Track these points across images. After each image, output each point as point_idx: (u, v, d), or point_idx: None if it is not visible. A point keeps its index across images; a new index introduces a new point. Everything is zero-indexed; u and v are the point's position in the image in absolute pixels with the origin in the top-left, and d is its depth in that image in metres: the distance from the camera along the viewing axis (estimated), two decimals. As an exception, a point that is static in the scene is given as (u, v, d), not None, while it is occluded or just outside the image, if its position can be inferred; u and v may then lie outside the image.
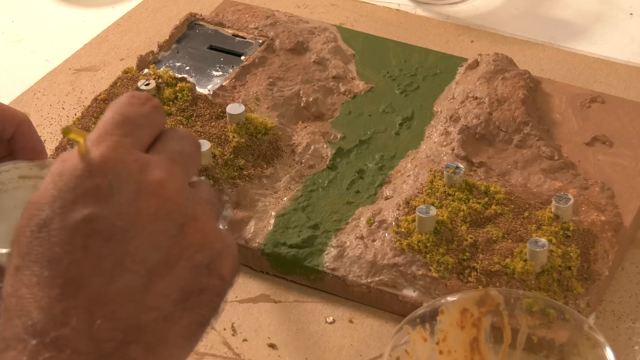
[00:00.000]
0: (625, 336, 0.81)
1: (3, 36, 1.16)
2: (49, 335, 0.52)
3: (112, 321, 0.52)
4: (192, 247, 0.54)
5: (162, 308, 0.54)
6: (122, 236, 0.53)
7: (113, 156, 0.54)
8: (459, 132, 0.94)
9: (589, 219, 0.86)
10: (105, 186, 0.53)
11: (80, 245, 0.53)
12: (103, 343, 0.52)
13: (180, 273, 0.54)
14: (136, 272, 0.53)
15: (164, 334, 0.54)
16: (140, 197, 0.53)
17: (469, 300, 0.75)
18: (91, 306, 0.52)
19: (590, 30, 1.13)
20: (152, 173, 0.54)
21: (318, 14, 1.15)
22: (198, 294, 0.55)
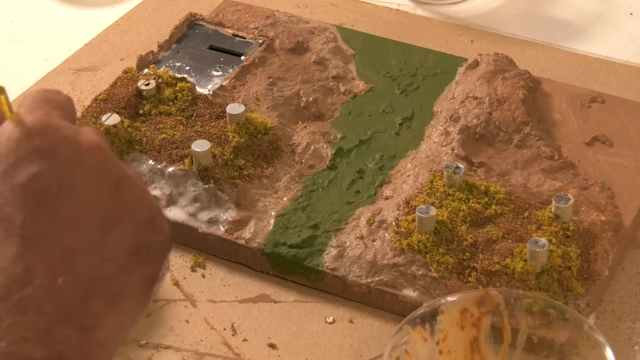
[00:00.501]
0: (625, 336, 0.81)
1: (3, 36, 1.16)
2: (12, 297, 0.52)
3: (73, 275, 0.53)
4: (133, 203, 0.56)
5: (118, 259, 0.55)
6: (71, 191, 0.54)
7: (48, 121, 0.56)
8: (459, 132, 0.94)
9: (589, 219, 0.86)
10: (46, 146, 0.54)
11: (32, 202, 0.53)
12: (66, 300, 0.53)
13: (127, 227, 0.56)
14: (89, 224, 0.54)
15: (121, 285, 0.55)
16: (80, 155, 0.55)
17: (469, 300, 0.75)
18: (51, 262, 0.53)
19: (590, 30, 1.13)
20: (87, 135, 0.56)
21: (318, 14, 1.15)
22: (147, 248, 0.56)
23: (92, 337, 0.53)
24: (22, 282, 0.52)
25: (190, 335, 0.83)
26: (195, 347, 0.82)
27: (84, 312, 0.53)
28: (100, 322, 0.54)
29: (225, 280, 0.87)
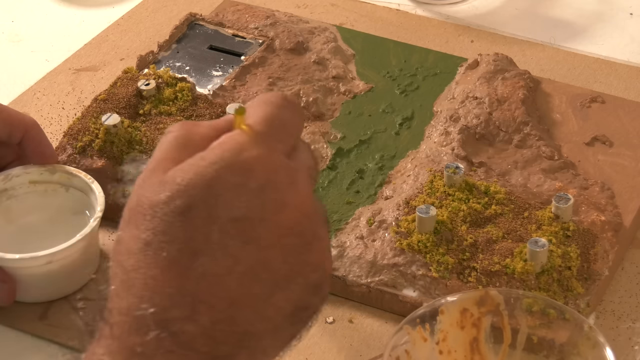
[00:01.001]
0: (625, 336, 0.81)
1: (3, 36, 1.16)
2: (173, 327, 0.52)
3: (232, 325, 0.53)
4: (311, 266, 0.55)
5: (275, 320, 0.55)
6: (260, 243, 0.53)
7: (269, 161, 0.54)
8: (459, 132, 0.94)
9: (589, 219, 0.86)
10: (255, 190, 0.53)
11: (221, 243, 0.53)
12: (220, 345, 0.53)
13: (296, 289, 0.55)
14: (264, 281, 0.54)
15: (268, 344, 0.55)
16: (284, 210, 0.54)
17: (469, 300, 0.75)
18: (217, 306, 0.53)
19: (590, 30, 1.13)
20: (299, 187, 0.55)
21: (318, 14, 1.15)
22: (304, 310, 0.56)
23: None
24: (185, 317, 0.52)
25: (190, 335, 0.83)
26: (195, 347, 0.82)
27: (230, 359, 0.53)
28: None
29: (225, 280, 0.87)
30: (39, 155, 0.87)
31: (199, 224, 0.53)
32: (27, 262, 0.81)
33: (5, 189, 0.87)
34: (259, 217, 0.53)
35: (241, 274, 0.53)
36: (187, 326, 0.52)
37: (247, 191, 0.53)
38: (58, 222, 0.87)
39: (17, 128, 0.86)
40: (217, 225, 0.53)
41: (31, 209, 0.88)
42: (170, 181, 0.53)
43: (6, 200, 0.87)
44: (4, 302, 0.82)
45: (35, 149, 0.87)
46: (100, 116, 0.93)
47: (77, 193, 0.87)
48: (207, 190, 0.53)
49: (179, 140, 0.56)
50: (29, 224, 0.87)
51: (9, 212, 0.87)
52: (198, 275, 0.52)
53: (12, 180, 0.87)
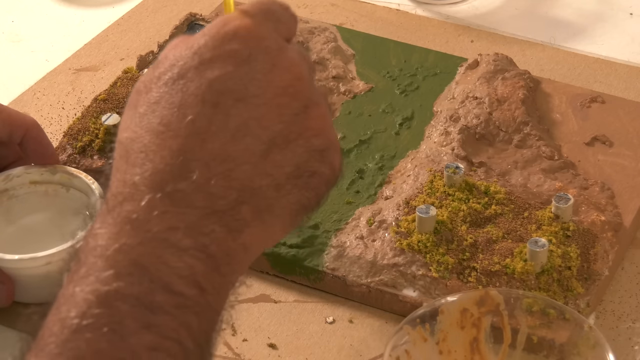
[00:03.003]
0: (625, 336, 0.81)
1: (3, 36, 1.16)
2: (166, 188, 0.53)
3: (228, 179, 0.54)
4: (311, 130, 0.57)
5: (276, 177, 0.56)
6: (252, 101, 0.55)
7: (256, 29, 0.57)
8: (459, 132, 0.94)
9: (589, 219, 0.86)
10: (244, 52, 0.56)
11: (212, 100, 0.55)
12: (218, 199, 0.54)
13: (296, 150, 0.57)
14: (258, 137, 0.55)
15: (272, 202, 0.56)
16: (274, 70, 0.56)
17: (469, 300, 0.75)
18: (211, 162, 0.54)
19: (590, 30, 1.13)
20: (289, 53, 0.57)
21: (318, 14, 1.15)
22: (309, 175, 0.57)
23: (237, 238, 0.55)
24: (178, 175, 0.54)
25: (190, 335, 0.83)
26: (195, 347, 0.82)
27: (232, 215, 0.54)
28: (246, 227, 0.55)
29: (225, 280, 0.87)
30: (39, 155, 0.87)
31: (189, 88, 0.55)
32: (27, 263, 0.81)
33: (5, 189, 0.87)
34: (249, 76, 0.56)
35: (234, 130, 0.55)
36: (179, 184, 0.53)
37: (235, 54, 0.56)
38: (58, 222, 0.87)
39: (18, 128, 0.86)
40: (207, 87, 0.55)
41: (32, 209, 0.88)
42: (163, 59, 0.57)
43: (7, 201, 0.87)
44: (2, 303, 0.83)
45: (36, 149, 0.87)
46: (100, 116, 0.93)
47: (78, 194, 0.87)
48: (195, 57, 0.56)
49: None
50: (29, 224, 0.87)
51: (10, 212, 0.87)
52: (189, 133, 0.54)
53: (12, 180, 0.87)
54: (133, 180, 0.54)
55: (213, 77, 0.55)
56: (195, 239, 0.53)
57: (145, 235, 0.52)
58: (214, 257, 0.54)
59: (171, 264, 0.52)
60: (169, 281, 0.52)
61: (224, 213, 0.54)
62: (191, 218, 0.53)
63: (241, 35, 0.56)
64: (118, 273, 0.51)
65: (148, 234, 0.52)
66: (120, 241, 0.52)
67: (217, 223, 0.54)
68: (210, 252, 0.53)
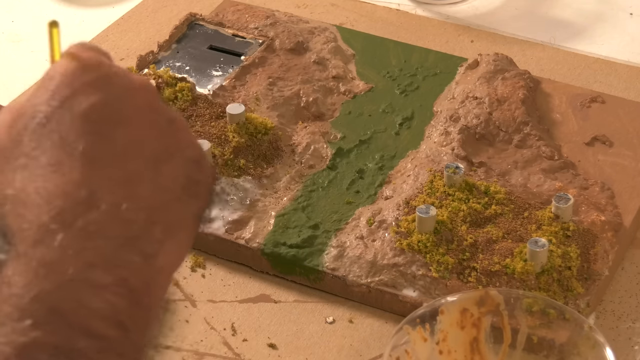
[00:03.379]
0: (625, 336, 0.81)
1: (3, 36, 1.16)
2: (77, 223, 0.52)
3: (135, 201, 0.54)
4: (183, 142, 0.58)
5: (173, 190, 0.56)
6: (128, 122, 0.55)
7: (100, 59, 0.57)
8: (459, 132, 0.94)
9: (589, 219, 0.86)
10: (102, 79, 0.56)
11: (92, 130, 0.54)
12: (130, 224, 0.53)
13: (179, 162, 0.57)
14: (144, 156, 0.55)
15: (178, 215, 0.56)
16: (134, 91, 0.57)
17: (469, 300, 0.75)
18: (114, 187, 0.54)
19: (590, 30, 1.13)
20: (136, 76, 0.58)
21: (318, 14, 1.15)
22: (196, 184, 0.58)
23: (153, 263, 0.54)
24: (87, 207, 0.53)
25: (190, 335, 0.83)
26: (195, 347, 0.82)
27: (147, 238, 0.54)
28: (161, 248, 0.55)
29: (225, 280, 0.87)
30: None
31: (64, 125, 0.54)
32: None
33: None
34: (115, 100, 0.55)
35: (123, 152, 0.55)
36: (91, 215, 0.52)
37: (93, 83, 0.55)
38: None
39: None
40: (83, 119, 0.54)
41: None
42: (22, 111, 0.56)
43: None
44: None
45: None
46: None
47: None
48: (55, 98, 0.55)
49: None
50: None
51: None
52: (83, 164, 0.54)
53: None
54: (40, 221, 0.52)
55: (85, 109, 0.54)
56: (114, 273, 0.52)
57: (61, 278, 0.51)
58: (134, 291, 0.53)
59: (91, 306, 0.51)
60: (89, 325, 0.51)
61: (138, 238, 0.53)
62: (107, 250, 0.52)
63: (90, 66, 0.56)
64: (35, 322, 0.50)
65: (65, 277, 0.51)
66: (36, 288, 0.51)
67: (133, 251, 0.53)
68: (130, 285, 0.52)
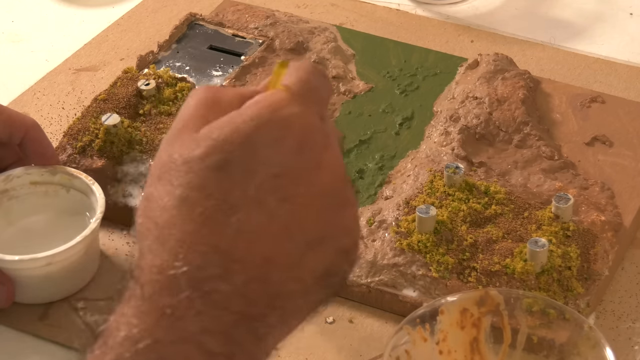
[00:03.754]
0: (625, 336, 0.81)
1: (3, 36, 1.16)
2: (205, 286, 0.51)
3: (265, 284, 0.52)
4: (343, 230, 0.55)
5: (307, 281, 0.54)
6: (296, 201, 0.53)
7: (307, 119, 0.54)
8: (459, 132, 0.94)
9: (589, 219, 0.86)
10: (293, 147, 0.53)
11: (257, 199, 0.52)
12: (252, 305, 0.52)
13: (328, 252, 0.55)
14: (297, 241, 0.53)
15: (298, 306, 0.54)
16: (320, 170, 0.54)
17: (469, 300, 0.75)
18: (251, 264, 0.52)
19: (590, 30, 1.13)
20: (333, 150, 0.55)
21: (318, 14, 1.15)
22: (334, 275, 0.55)
23: (261, 345, 0.53)
24: (218, 276, 0.51)
25: (190, 335, 0.83)
26: (195, 347, 0.82)
27: (262, 321, 0.53)
28: (271, 333, 0.53)
29: (225, 280, 0.87)
30: (39, 155, 0.87)
31: (235, 179, 0.52)
32: (27, 264, 0.81)
33: (6, 189, 0.87)
34: (296, 175, 0.53)
35: (276, 232, 0.52)
36: (220, 285, 0.51)
37: (285, 147, 0.53)
38: (58, 223, 0.87)
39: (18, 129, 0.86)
40: (254, 181, 0.52)
41: (32, 210, 0.88)
42: (205, 137, 0.53)
43: (7, 201, 0.87)
44: (2, 303, 0.82)
45: (36, 150, 0.87)
46: (100, 116, 0.93)
47: (78, 194, 0.87)
48: (245, 145, 0.52)
49: (206, 101, 0.55)
50: (29, 225, 0.87)
51: (10, 213, 0.87)
52: (233, 232, 0.52)
53: (12, 181, 0.87)
54: (170, 273, 0.51)
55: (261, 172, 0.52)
56: (227, 346, 0.51)
57: (180, 334, 0.51)
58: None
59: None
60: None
61: (254, 319, 0.52)
62: (225, 323, 0.51)
63: (294, 128, 0.53)
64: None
65: (183, 334, 0.51)
66: (153, 337, 0.51)
67: (247, 330, 0.52)
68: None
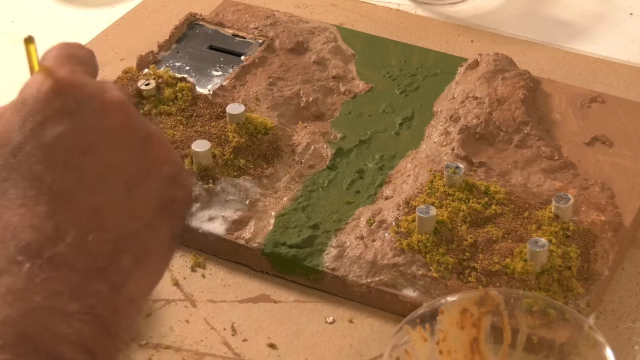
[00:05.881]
0: (625, 336, 0.81)
1: (3, 36, 1.16)
2: (44, 254, 0.53)
3: (102, 232, 0.54)
4: (159, 159, 0.57)
5: (144, 216, 0.56)
6: (98, 149, 0.55)
7: (74, 78, 0.56)
8: (459, 132, 0.94)
9: (589, 219, 0.86)
10: (72, 104, 0.55)
11: (61, 161, 0.54)
12: (97, 256, 0.54)
13: (152, 183, 0.56)
14: (116, 182, 0.55)
15: (148, 242, 0.56)
16: (106, 113, 0.56)
17: (469, 300, 0.75)
18: (81, 220, 0.54)
19: (590, 30, 1.13)
20: (112, 92, 0.57)
21: (318, 14, 1.15)
22: (171, 203, 0.57)
23: (122, 292, 0.54)
24: (53, 239, 0.53)
25: (190, 335, 0.83)
26: (195, 347, 0.82)
27: (114, 268, 0.54)
28: (130, 278, 0.55)
29: (225, 280, 0.87)
30: None
31: (33, 155, 0.54)
32: None
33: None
34: (86, 127, 0.55)
35: (92, 183, 0.54)
36: (57, 248, 0.53)
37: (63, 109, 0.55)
38: None
39: None
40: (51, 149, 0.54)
41: None
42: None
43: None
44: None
45: None
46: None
47: None
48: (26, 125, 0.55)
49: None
50: None
51: None
52: (51, 198, 0.54)
53: None
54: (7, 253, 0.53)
55: (52, 139, 0.54)
56: (81, 301, 0.53)
57: (28, 305, 0.52)
58: (101, 318, 0.53)
59: (58, 331, 0.52)
60: (56, 350, 0.51)
61: (105, 269, 0.54)
62: (73, 280, 0.53)
63: (62, 90, 0.55)
64: (4, 345, 0.51)
65: (31, 303, 0.52)
66: (3, 313, 0.52)
67: (100, 281, 0.54)
68: (97, 313, 0.53)
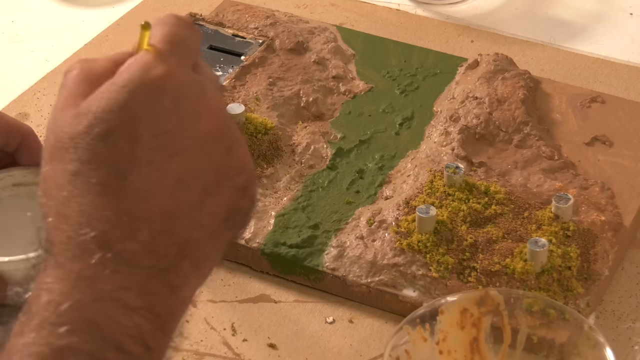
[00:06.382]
0: (625, 336, 0.81)
1: (3, 36, 1.16)
2: (115, 248, 0.54)
3: (170, 236, 0.55)
4: (235, 169, 0.58)
5: (210, 226, 0.57)
6: (184, 153, 0.55)
7: (176, 75, 0.56)
8: (459, 132, 0.94)
9: (589, 219, 0.86)
10: (169, 105, 0.55)
11: (146, 159, 0.54)
12: (162, 258, 0.55)
13: (225, 193, 0.57)
14: (193, 189, 0.56)
15: (209, 251, 0.57)
16: (200, 118, 0.56)
17: (469, 300, 0.75)
18: (154, 221, 0.55)
19: (590, 30, 1.13)
20: (210, 96, 0.57)
21: (318, 14, 1.15)
22: (236, 213, 0.58)
23: (178, 294, 0.56)
24: (126, 236, 0.54)
25: (190, 335, 0.83)
26: (195, 347, 0.82)
27: (175, 271, 0.55)
28: (186, 282, 0.56)
29: (225, 280, 0.87)
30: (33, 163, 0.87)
31: (121, 145, 0.54)
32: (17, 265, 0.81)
33: None
34: (178, 129, 0.55)
35: (171, 186, 0.55)
36: (128, 244, 0.54)
37: (161, 107, 0.55)
38: None
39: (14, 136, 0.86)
40: (140, 144, 0.54)
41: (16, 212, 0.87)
42: (85, 112, 0.55)
43: None
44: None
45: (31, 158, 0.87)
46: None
47: None
48: (123, 112, 0.55)
49: (81, 76, 0.57)
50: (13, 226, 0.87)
51: None
52: (130, 193, 0.54)
53: None
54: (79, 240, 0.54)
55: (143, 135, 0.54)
56: (144, 299, 0.54)
57: (98, 293, 0.53)
58: (159, 317, 0.55)
59: (122, 323, 0.53)
60: (119, 339, 0.53)
61: (167, 271, 0.55)
62: (139, 278, 0.54)
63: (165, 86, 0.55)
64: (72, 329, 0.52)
65: (101, 292, 0.53)
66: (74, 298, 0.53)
67: (161, 282, 0.55)
68: (156, 311, 0.54)
